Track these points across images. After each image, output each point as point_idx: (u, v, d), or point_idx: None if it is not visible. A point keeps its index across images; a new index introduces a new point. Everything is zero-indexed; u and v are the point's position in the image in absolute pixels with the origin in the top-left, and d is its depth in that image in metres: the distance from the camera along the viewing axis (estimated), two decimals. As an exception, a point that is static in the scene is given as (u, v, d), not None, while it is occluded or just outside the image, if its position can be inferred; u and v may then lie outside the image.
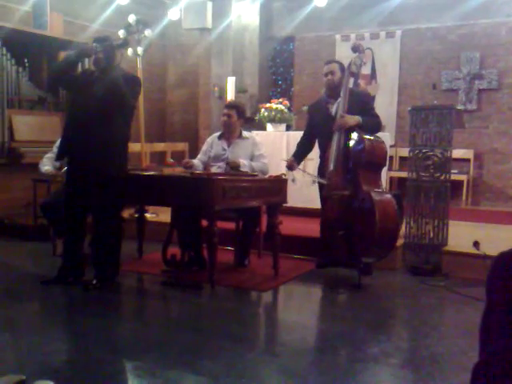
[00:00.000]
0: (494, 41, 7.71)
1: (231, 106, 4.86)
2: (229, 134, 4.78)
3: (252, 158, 4.72)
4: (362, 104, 4.36)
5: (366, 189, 4.07)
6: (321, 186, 4.54)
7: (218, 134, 4.93)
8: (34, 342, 3.04)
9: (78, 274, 4.12)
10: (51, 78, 4.39)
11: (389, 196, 4.27)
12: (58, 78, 4.19)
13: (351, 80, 4.43)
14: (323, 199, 4.47)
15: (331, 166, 4.23)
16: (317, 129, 4.56)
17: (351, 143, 4.19)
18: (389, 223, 4.01)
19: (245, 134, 4.83)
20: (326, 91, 4.52)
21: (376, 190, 4.13)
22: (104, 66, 3.90)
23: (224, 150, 4.77)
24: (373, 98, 8.02)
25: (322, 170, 4.48)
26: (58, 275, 4.07)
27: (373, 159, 4.17)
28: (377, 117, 4.40)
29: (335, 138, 4.21)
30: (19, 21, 6.66)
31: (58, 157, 4.20)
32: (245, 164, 4.60)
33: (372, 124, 4.29)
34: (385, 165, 4.39)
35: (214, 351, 2.96)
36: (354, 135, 4.17)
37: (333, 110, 4.38)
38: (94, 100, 3.83)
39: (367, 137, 4.17)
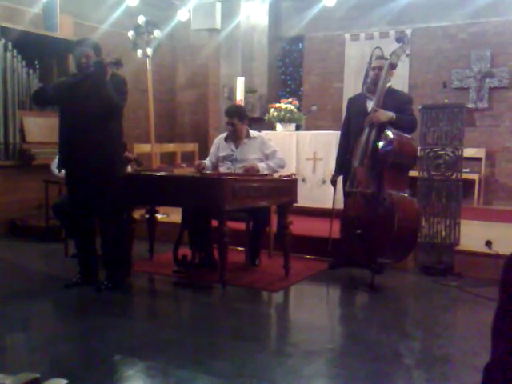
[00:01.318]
0: (505, 39, 7.65)
1: (232, 113, 4.72)
2: (236, 137, 4.76)
3: (265, 156, 4.70)
4: (400, 103, 4.25)
5: (389, 190, 3.97)
6: (345, 182, 4.45)
7: (224, 135, 4.89)
8: (47, 341, 3.06)
9: (92, 274, 4.14)
10: (39, 100, 4.36)
11: (412, 199, 4.17)
12: (45, 102, 4.25)
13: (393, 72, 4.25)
14: (346, 195, 4.39)
15: (357, 162, 4.15)
16: (351, 122, 4.48)
17: (381, 140, 4.05)
18: (409, 227, 3.95)
19: (252, 133, 4.79)
20: (369, 85, 4.39)
21: (400, 192, 4.02)
22: (95, 81, 3.83)
23: (232, 151, 4.76)
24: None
25: (348, 163, 4.39)
26: (81, 278, 4.10)
27: (400, 159, 4.04)
28: (413, 116, 4.27)
29: (365, 133, 4.12)
30: (30, 23, 6.71)
31: (61, 168, 4.16)
32: (263, 167, 4.56)
33: (406, 122, 4.17)
34: (413, 166, 4.24)
35: (225, 351, 2.97)
36: (386, 133, 4.03)
37: (370, 105, 4.25)
38: (89, 110, 3.81)
39: (398, 135, 4.02)
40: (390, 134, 4.02)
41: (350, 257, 4.36)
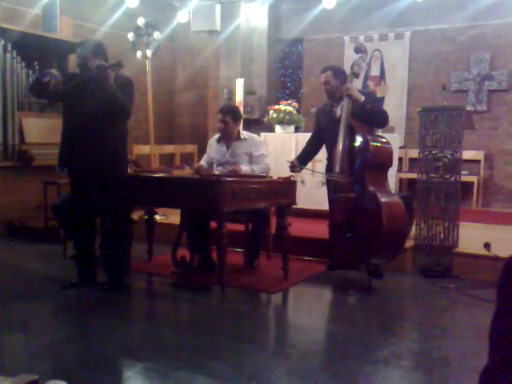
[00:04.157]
0: (504, 41, 7.67)
1: (225, 111, 4.69)
2: (227, 138, 4.75)
3: (251, 157, 4.67)
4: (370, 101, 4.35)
5: (371, 190, 4.06)
6: (328, 188, 4.54)
7: (216, 137, 4.87)
8: (45, 342, 3.06)
9: (90, 275, 4.14)
10: (34, 95, 4.31)
11: (396, 197, 4.27)
12: (38, 96, 4.25)
13: (355, 80, 4.45)
14: (331, 201, 4.47)
15: (337, 168, 4.22)
16: (324, 132, 4.58)
17: (356, 145, 4.18)
18: (396, 224, 3.99)
19: (243, 134, 4.73)
20: (327, 98, 4.55)
21: (382, 190, 4.12)
22: (98, 84, 3.82)
23: (223, 153, 4.74)
24: (381, 99, 8.03)
25: (329, 171, 4.49)
26: (79, 279, 4.11)
27: (378, 160, 4.16)
28: (383, 108, 4.45)
29: (340, 140, 4.21)
30: (29, 24, 6.70)
31: (61, 166, 4.15)
32: (247, 171, 4.52)
33: (378, 111, 4.31)
34: (390, 165, 4.36)
35: (224, 353, 2.96)
36: (359, 138, 4.16)
37: (338, 112, 4.39)
38: (93, 112, 3.81)
39: (372, 138, 4.16)
40: (364, 138, 4.13)
41: (343, 261, 4.40)
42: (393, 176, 5.55)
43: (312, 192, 6.01)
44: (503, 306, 1.19)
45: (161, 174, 4.64)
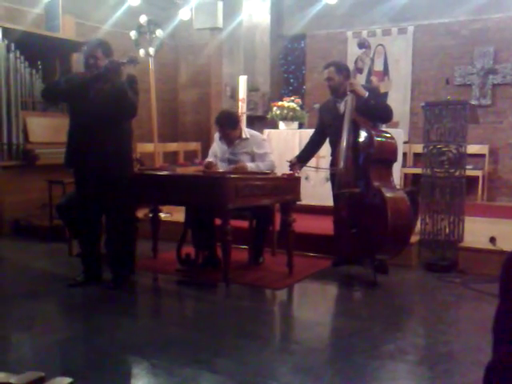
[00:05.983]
0: (508, 35, 7.63)
1: (222, 123, 4.59)
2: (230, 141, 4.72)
3: (253, 156, 4.65)
4: (373, 96, 4.33)
5: (376, 185, 4.06)
6: (333, 184, 4.53)
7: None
8: (51, 340, 3.07)
9: (96, 273, 4.16)
10: (51, 94, 4.30)
11: (401, 192, 4.27)
12: (55, 97, 4.28)
13: (358, 76, 4.44)
14: (335, 197, 4.46)
15: (341, 164, 4.22)
16: (328, 128, 4.57)
17: (361, 140, 4.17)
18: (401, 219, 3.98)
19: (245, 133, 4.71)
20: (331, 94, 4.54)
21: (387, 186, 4.11)
22: (110, 81, 3.83)
23: (225, 150, 4.74)
24: (385, 94, 8.00)
25: (333, 167, 4.49)
26: (85, 277, 4.11)
27: (382, 155, 4.16)
28: (387, 104, 4.45)
29: (344, 136, 4.20)
30: (32, 23, 6.72)
31: (67, 165, 4.15)
32: (252, 168, 4.52)
33: (382, 107, 4.30)
34: (395, 160, 4.35)
35: (229, 349, 2.97)
36: (363, 133, 4.16)
37: (341, 108, 4.39)
38: (98, 111, 3.82)
39: (376, 133, 4.15)
40: (368, 133, 4.12)
41: (348, 256, 4.40)
42: (397, 171, 5.54)
43: (316, 188, 6.01)
44: (506, 300, 1.19)
45: (165, 172, 4.65)
